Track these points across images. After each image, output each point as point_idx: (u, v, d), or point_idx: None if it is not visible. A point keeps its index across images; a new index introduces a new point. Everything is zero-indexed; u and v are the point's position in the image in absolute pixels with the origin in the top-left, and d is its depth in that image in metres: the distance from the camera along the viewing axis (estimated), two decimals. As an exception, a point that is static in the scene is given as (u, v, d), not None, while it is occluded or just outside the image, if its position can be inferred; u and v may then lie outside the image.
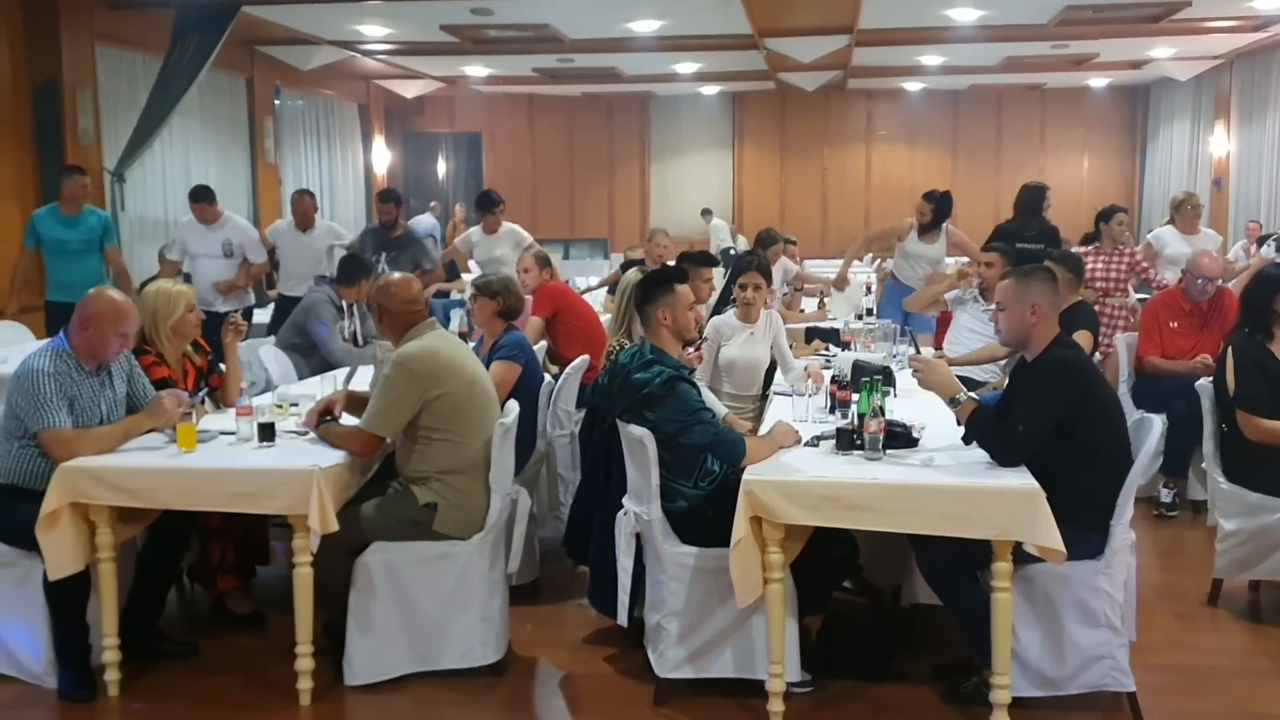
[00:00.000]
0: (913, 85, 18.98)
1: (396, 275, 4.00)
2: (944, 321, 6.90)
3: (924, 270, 7.73)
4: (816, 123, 19.78)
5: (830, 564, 3.83)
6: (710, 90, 19.21)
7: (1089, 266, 6.85)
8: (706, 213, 18.29)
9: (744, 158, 20.14)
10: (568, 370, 5.19)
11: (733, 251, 11.61)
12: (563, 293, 6.34)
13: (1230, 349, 4.56)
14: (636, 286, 3.96)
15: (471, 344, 4.96)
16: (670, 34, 12.77)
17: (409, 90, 17.01)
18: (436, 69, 15.84)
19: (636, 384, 3.66)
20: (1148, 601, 4.61)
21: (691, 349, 4.95)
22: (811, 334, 6.83)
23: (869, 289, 8.57)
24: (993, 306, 4.38)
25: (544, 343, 6.04)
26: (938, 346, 6.49)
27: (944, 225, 7.89)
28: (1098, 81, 18.81)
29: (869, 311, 8.17)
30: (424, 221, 14.39)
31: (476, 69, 15.79)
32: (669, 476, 3.67)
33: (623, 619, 3.82)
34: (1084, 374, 3.58)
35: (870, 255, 11.55)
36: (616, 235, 18.65)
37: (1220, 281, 6.12)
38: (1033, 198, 7.82)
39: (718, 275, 7.58)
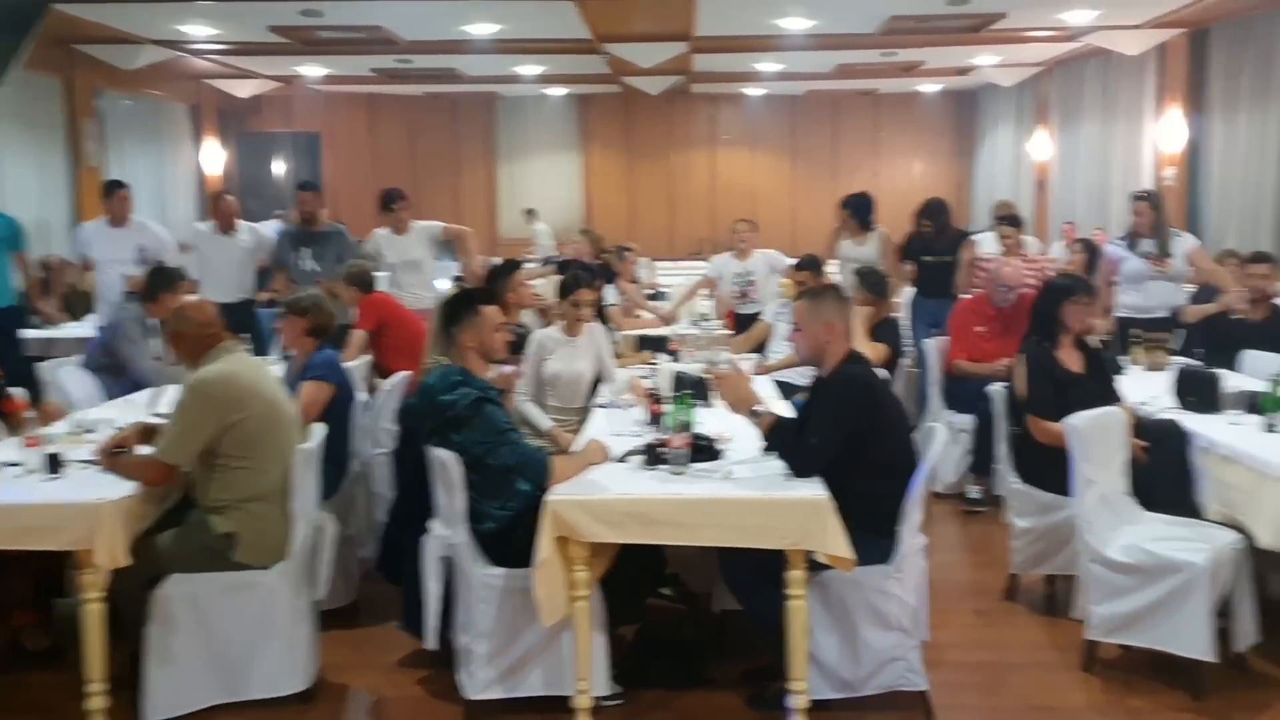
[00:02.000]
0: (753, 91, 19.37)
1: (191, 298, 3.90)
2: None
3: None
4: (662, 126, 20.00)
5: (641, 575, 3.89)
6: (556, 92, 19.22)
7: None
8: (530, 213, 18.13)
9: (592, 160, 20.22)
10: (385, 387, 5.13)
11: (554, 259, 11.39)
12: (388, 305, 6.27)
13: (1021, 355, 4.80)
14: (441, 307, 3.95)
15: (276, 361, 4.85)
16: (508, 37, 12.72)
17: (242, 90, 16.51)
18: (270, 69, 15.43)
19: (443, 405, 3.66)
20: (951, 598, 4.86)
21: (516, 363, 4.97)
22: (643, 343, 6.91)
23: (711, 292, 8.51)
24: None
25: (368, 356, 5.96)
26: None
27: (875, 225, 7.97)
28: (928, 88, 19.52)
29: (704, 318, 8.31)
30: (274, 229, 13.95)
31: (312, 69, 15.45)
32: (477, 498, 3.67)
33: (432, 642, 3.81)
34: (872, 389, 3.74)
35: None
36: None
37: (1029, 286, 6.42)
38: (945, 215, 7.93)
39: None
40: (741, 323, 7.23)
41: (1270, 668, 4.02)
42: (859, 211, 7.93)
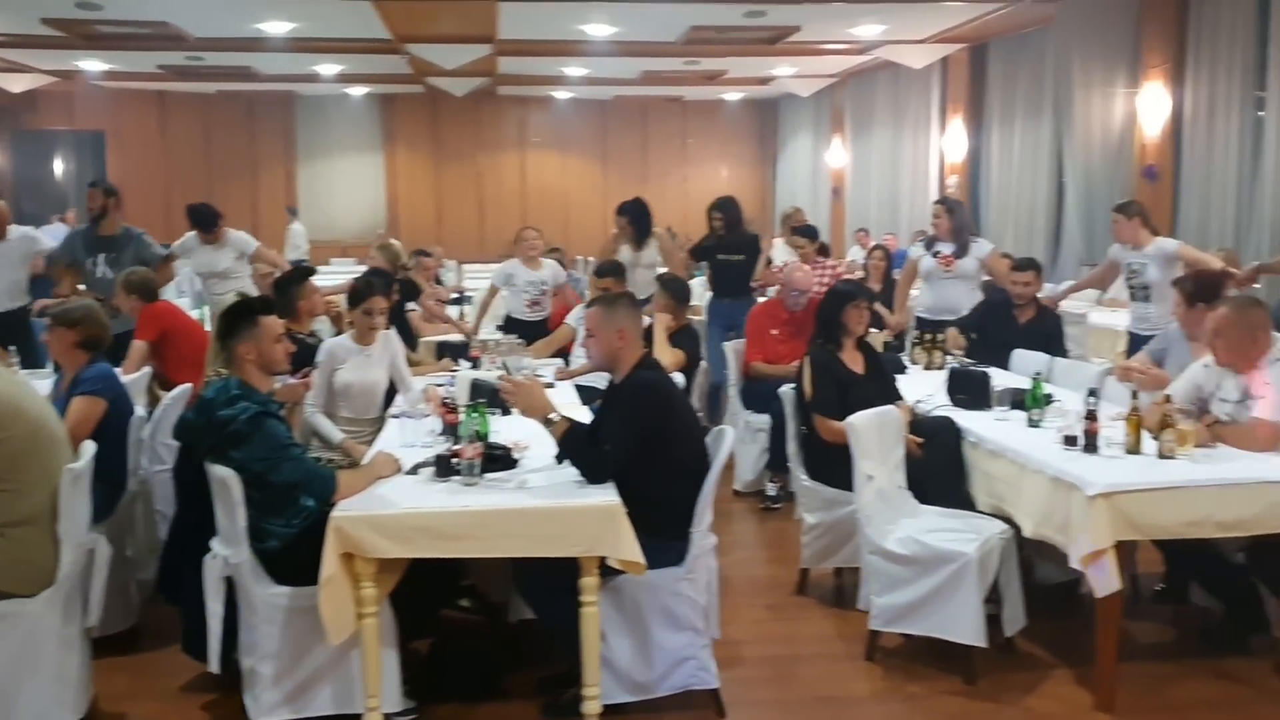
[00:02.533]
0: (561, 94, 19.44)
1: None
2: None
3: (646, 278, 7.68)
4: (469, 128, 19.84)
5: (434, 588, 3.84)
6: (357, 92, 18.80)
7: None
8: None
9: (397, 161, 19.88)
10: (165, 401, 4.90)
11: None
12: (171, 314, 5.98)
13: (808, 358, 4.98)
14: (219, 318, 3.80)
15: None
16: (305, 35, 12.38)
17: (15, 84, 15.48)
18: (45, 63, 14.52)
19: (221, 421, 3.52)
20: (746, 594, 4.99)
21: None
22: (443, 349, 6.82)
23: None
24: None
25: (149, 369, 5.68)
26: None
27: (652, 230, 8.00)
28: (731, 96, 20.02)
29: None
30: (55, 232, 13.09)
31: (93, 64, 14.62)
32: (259, 516, 3.55)
33: (214, 665, 3.66)
34: (664, 394, 3.81)
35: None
36: (262, 240, 17.82)
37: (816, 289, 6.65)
38: (736, 210, 8.05)
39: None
40: (531, 331, 7.19)
41: (1037, 649, 4.29)
42: (637, 218, 7.97)
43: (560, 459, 3.76)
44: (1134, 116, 11.09)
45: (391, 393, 5.33)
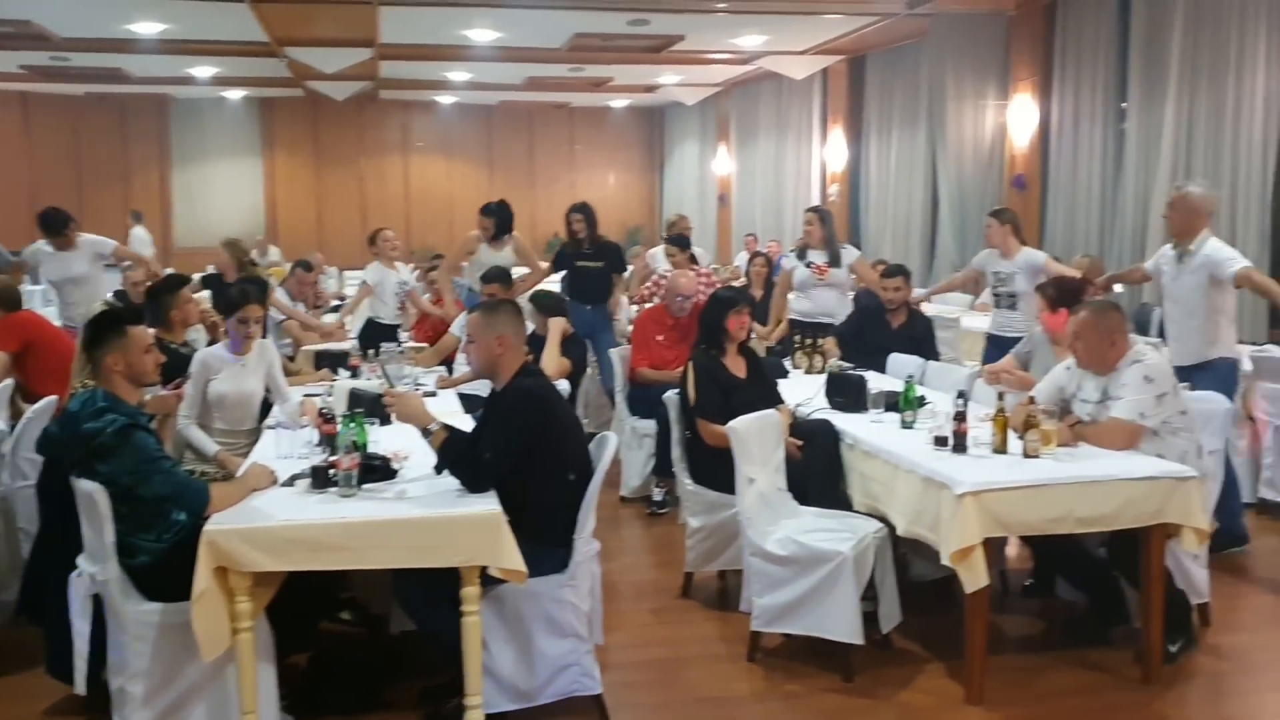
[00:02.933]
0: (445, 99, 19.29)
1: None
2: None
3: None
4: (352, 132, 19.54)
5: (312, 601, 3.78)
6: (234, 95, 18.35)
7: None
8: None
9: (276, 166, 19.47)
10: (28, 415, 4.72)
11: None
12: (34, 324, 5.76)
13: (691, 363, 5.04)
14: (85, 328, 3.68)
15: None
16: (178, 37, 12.04)
17: None
18: (-106, 60, 13.87)
19: (87, 434, 3.40)
20: (631, 599, 5.02)
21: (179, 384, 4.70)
22: (322, 359, 6.70)
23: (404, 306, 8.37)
24: None
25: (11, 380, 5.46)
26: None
27: (510, 233, 7.96)
28: (618, 103, 20.12)
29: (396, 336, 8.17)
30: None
31: (-52, 63, 14.00)
32: (128, 531, 3.44)
33: (80, 687, 3.54)
34: (546, 401, 3.81)
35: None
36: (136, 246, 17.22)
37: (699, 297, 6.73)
38: (592, 212, 8.12)
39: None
40: (393, 334, 7.15)
41: (911, 645, 4.41)
42: (499, 219, 7.97)
43: (440, 469, 3.73)
44: (1004, 128, 11.51)
45: (268, 404, 5.23)
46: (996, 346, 6.68)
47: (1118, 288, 6.89)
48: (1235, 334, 5.71)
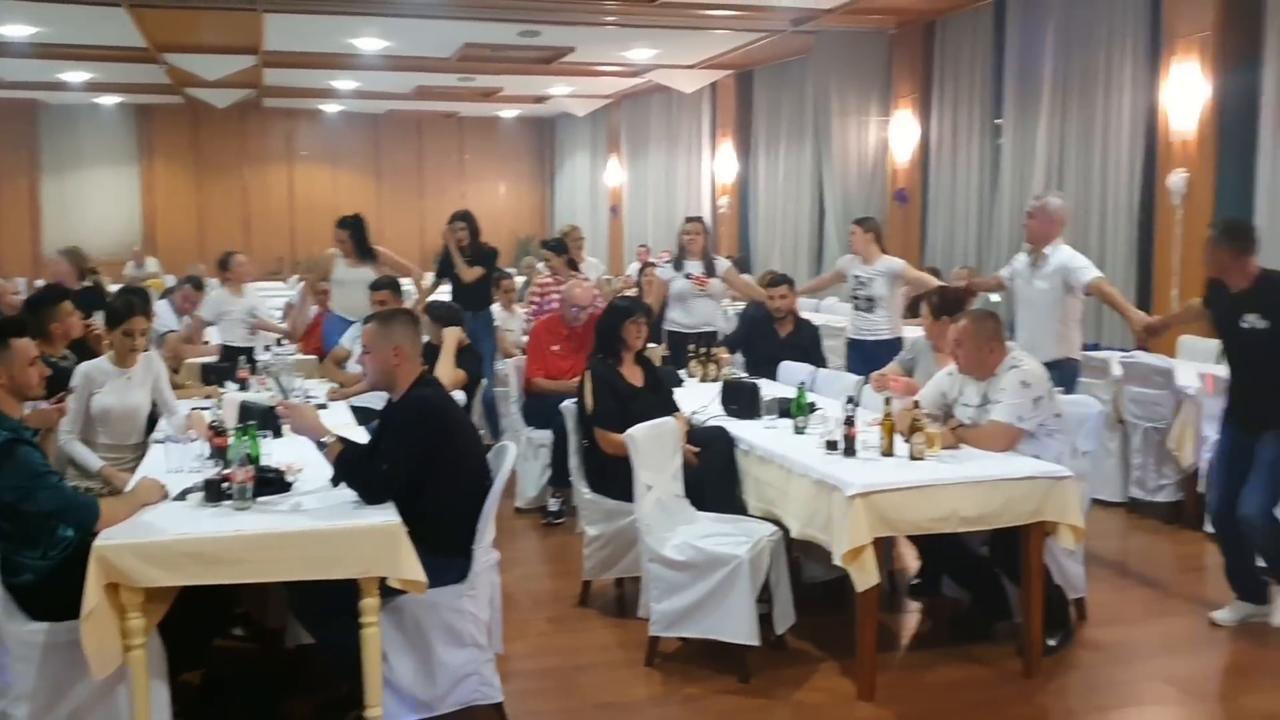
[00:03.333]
0: (330, 107, 19.00)
1: None
2: None
3: (360, 296, 7.36)
4: (234, 140, 19.10)
5: (206, 616, 3.71)
6: (109, 101, 17.77)
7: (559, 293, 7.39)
8: None
9: (155, 175, 18.91)
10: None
11: None
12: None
13: (588, 372, 5.09)
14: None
15: None
16: (50, 41, 11.63)
17: None
18: None
19: (-34, 450, 3.29)
20: (528, 608, 5.03)
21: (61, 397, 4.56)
22: (209, 373, 6.55)
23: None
24: None
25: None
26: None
27: (371, 247, 7.80)
28: (508, 113, 20.07)
29: (279, 342, 8.03)
30: None
31: None
32: (12, 549, 3.33)
33: (-44, 714, 3.41)
34: (443, 411, 3.81)
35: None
36: (3, 258, 16.55)
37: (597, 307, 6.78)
38: (472, 220, 8.14)
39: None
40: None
41: (805, 645, 4.51)
42: (356, 233, 7.78)
43: (336, 481, 3.70)
44: (886, 143, 11.85)
45: (154, 417, 5.10)
46: (855, 350, 6.99)
47: (994, 297, 7.17)
48: (1081, 337, 6.08)
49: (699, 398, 5.61)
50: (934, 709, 4.00)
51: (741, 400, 5.29)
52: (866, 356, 6.73)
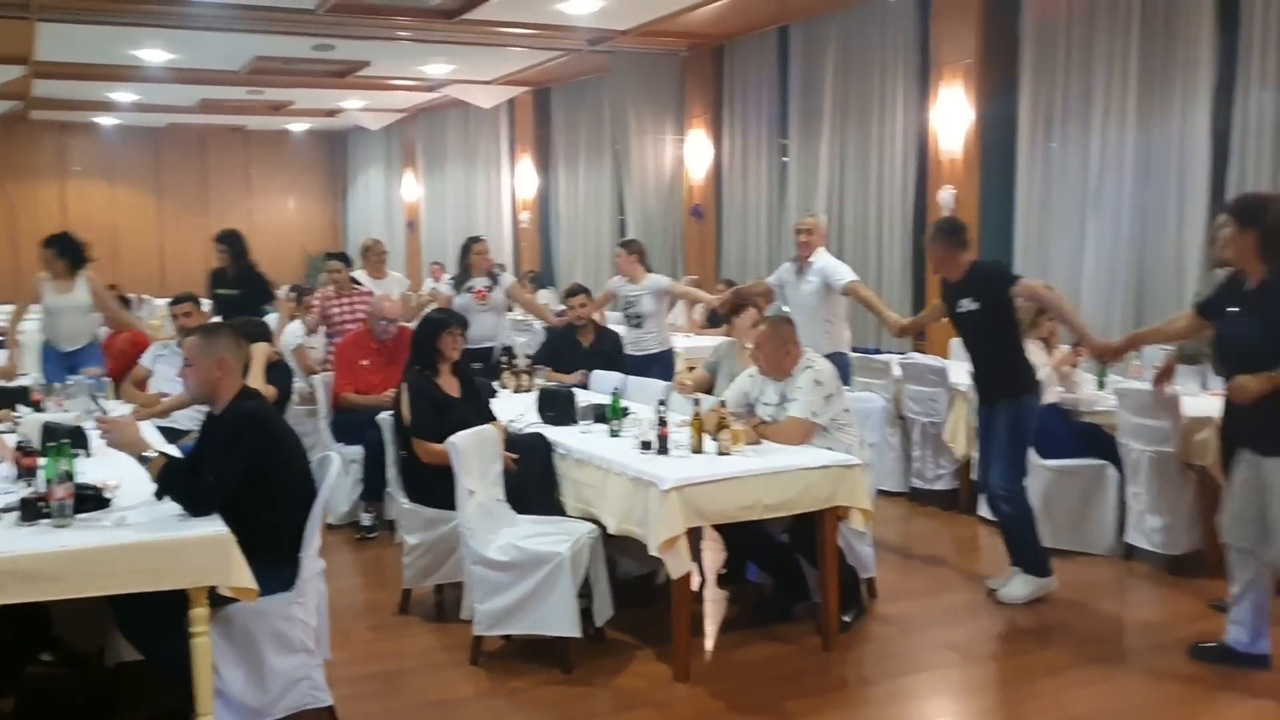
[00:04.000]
0: (107, 120, 18.15)
1: None
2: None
3: (79, 322, 7.17)
4: (-1, 155, 18.01)
5: (18, 642, 3.63)
6: None
7: (335, 310, 7.35)
8: None
9: (-94, 192, 17.62)
10: None
11: None
12: None
13: (405, 384, 5.18)
14: None
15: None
16: None
17: None
18: None
19: None
20: (349, 619, 5.06)
21: None
22: (2, 396, 6.24)
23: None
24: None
25: None
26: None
27: (83, 267, 7.28)
28: (298, 126, 19.65)
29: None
30: None
31: None
32: None
33: None
34: (267, 423, 3.85)
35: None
36: None
37: (401, 322, 6.84)
38: (240, 243, 8.00)
39: None
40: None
41: (624, 636, 4.74)
42: (65, 251, 7.21)
43: (160, 495, 3.69)
44: (682, 161, 12.32)
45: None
46: (631, 364, 7.31)
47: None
48: (849, 334, 6.95)
49: (515, 407, 5.79)
50: (743, 685, 4.29)
51: (557, 407, 5.49)
52: (638, 370, 7.05)
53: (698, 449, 4.60)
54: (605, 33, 10.95)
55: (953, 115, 8.62)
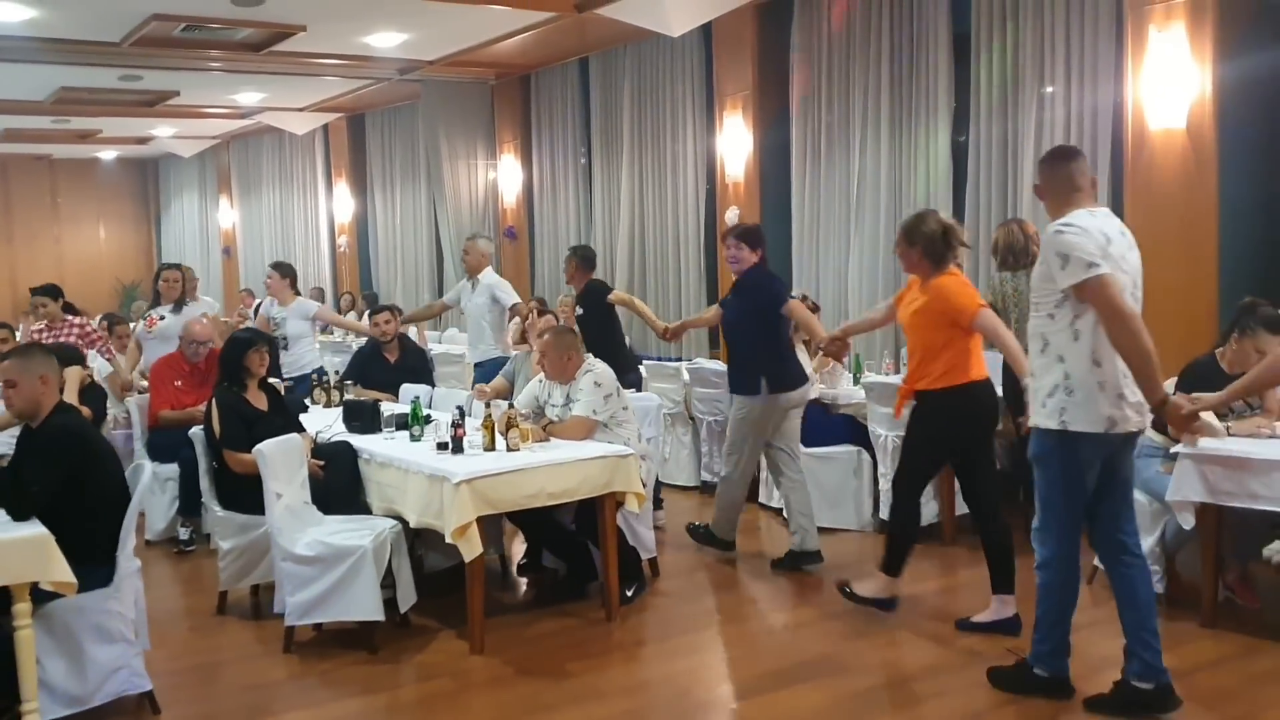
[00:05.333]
0: (-99, 149, 17.50)
1: None
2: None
3: None
4: None
5: None
6: None
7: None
8: None
9: None
10: None
11: None
12: None
13: (214, 400, 5.54)
14: None
15: None
16: None
17: None
18: None
19: None
20: (168, 624, 5.36)
21: None
22: None
23: None
24: None
25: None
26: None
27: None
28: (107, 154, 19.32)
29: None
30: None
31: None
32: None
33: None
34: (83, 434, 4.21)
35: None
36: None
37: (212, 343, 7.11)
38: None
39: None
40: None
41: (428, 620, 5.20)
42: None
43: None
44: (496, 184, 12.83)
45: None
46: (301, 383, 7.81)
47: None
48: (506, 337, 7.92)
49: (324, 420, 6.20)
50: (533, 653, 4.83)
51: (362, 417, 5.93)
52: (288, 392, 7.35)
53: (489, 447, 5.13)
54: (413, 63, 11.38)
55: (736, 141, 9.40)
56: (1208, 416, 4.23)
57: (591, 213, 11.55)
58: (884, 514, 6.43)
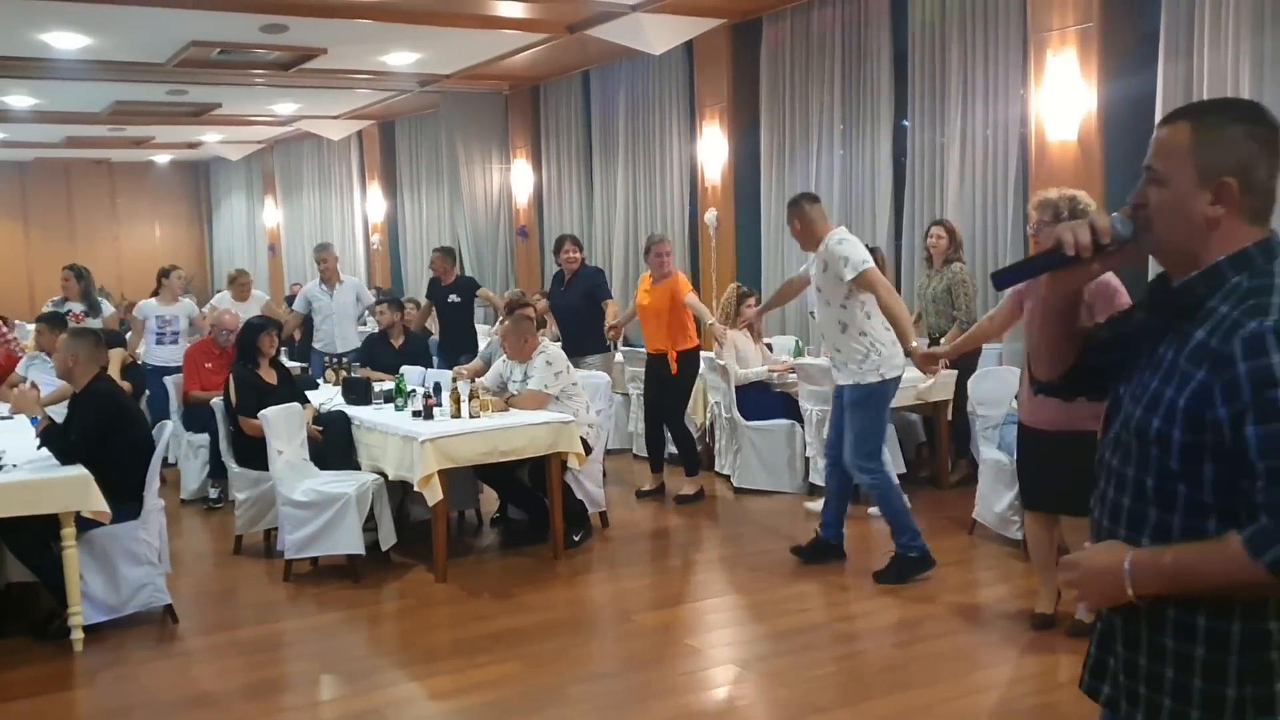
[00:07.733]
0: (-28, 156, 18.91)
1: None
2: None
3: None
4: None
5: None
6: None
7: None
8: None
9: None
10: None
11: None
12: None
13: (232, 375, 6.61)
14: None
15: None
16: None
17: None
18: None
19: None
20: (194, 561, 6.46)
21: None
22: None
23: None
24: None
25: None
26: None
27: None
28: (161, 158, 20.61)
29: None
30: None
31: None
32: None
33: None
34: (113, 397, 5.31)
35: None
36: None
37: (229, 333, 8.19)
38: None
39: None
40: None
41: (405, 558, 6.21)
42: None
43: (40, 447, 5.07)
44: (509, 187, 13.86)
45: None
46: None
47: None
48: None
49: (329, 394, 7.27)
50: (486, 582, 5.85)
51: (357, 391, 7.00)
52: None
53: (456, 415, 6.14)
54: (431, 76, 12.42)
55: (713, 148, 10.33)
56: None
57: (593, 213, 12.54)
58: (814, 479, 7.35)
